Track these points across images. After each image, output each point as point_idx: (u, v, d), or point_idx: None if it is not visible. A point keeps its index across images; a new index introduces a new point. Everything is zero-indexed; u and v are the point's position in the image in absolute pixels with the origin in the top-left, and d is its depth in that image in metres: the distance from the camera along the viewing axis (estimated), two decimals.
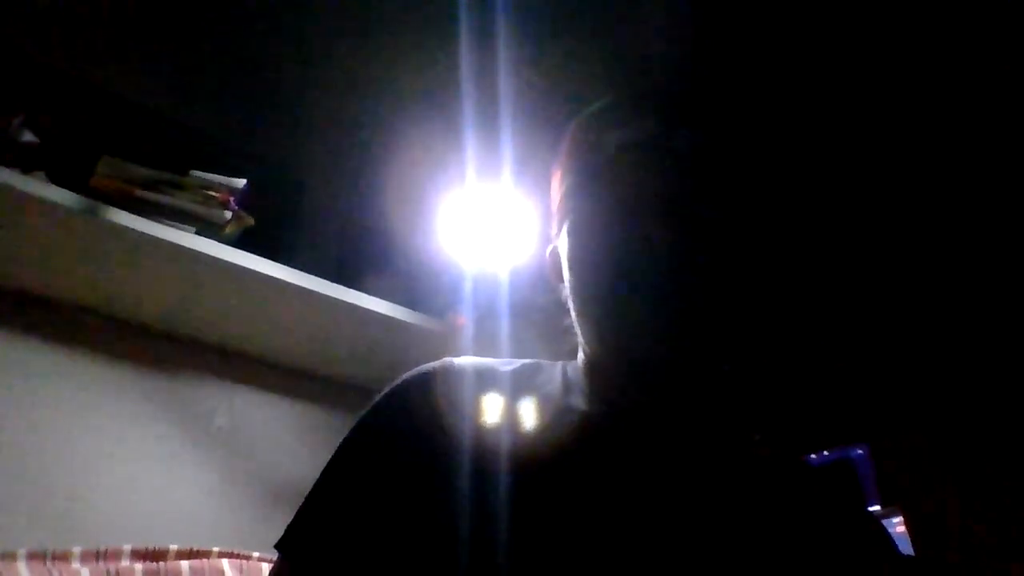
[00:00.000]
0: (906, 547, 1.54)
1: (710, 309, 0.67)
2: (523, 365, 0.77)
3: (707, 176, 0.69)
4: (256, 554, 1.30)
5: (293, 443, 1.52)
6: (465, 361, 0.75)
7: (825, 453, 1.73)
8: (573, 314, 0.73)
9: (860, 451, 1.69)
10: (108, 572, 1.15)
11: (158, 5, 1.56)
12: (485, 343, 1.34)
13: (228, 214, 1.33)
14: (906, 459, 1.63)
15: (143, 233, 1.22)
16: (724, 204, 0.69)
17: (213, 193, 1.33)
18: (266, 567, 1.28)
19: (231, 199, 1.34)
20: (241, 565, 1.28)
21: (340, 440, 0.74)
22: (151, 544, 1.21)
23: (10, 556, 1.09)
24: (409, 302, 1.49)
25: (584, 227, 0.70)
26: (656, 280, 0.65)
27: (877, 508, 1.62)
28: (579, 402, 0.72)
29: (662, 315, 0.65)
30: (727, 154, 0.72)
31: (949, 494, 1.55)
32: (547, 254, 0.81)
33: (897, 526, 1.56)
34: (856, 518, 0.72)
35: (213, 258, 1.28)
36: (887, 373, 1.74)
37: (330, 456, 0.73)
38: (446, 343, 1.48)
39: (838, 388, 1.79)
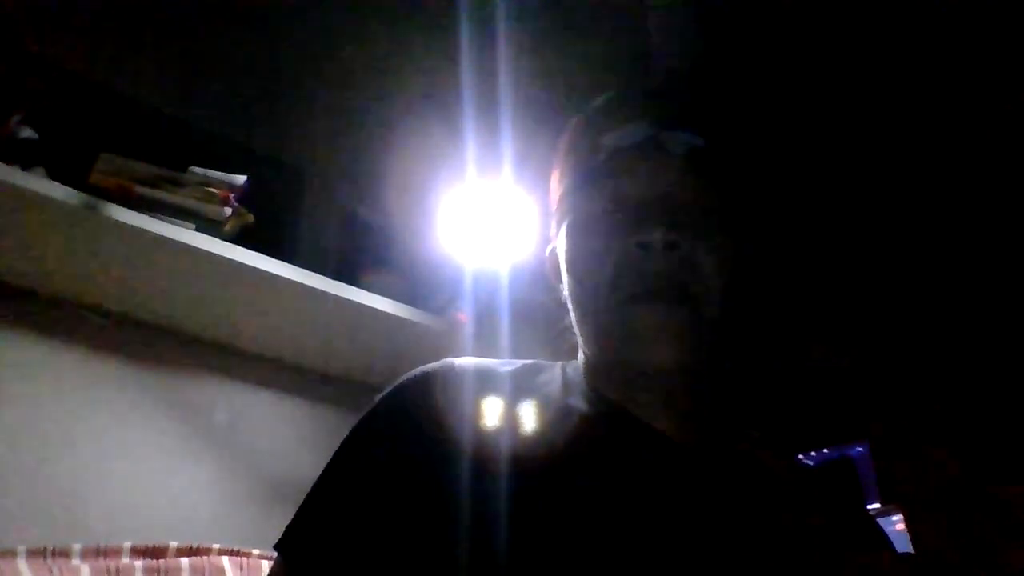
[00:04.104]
0: (906, 547, 1.54)
1: (708, 313, 0.67)
2: (523, 366, 0.77)
3: (705, 178, 0.69)
4: (256, 551, 1.30)
5: (293, 440, 1.52)
6: (464, 362, 0.75)
7: (825, 451, 1.73)
8: (572, 316, 0.73)
9: (860, 449, 1.68)
10: (108, 569, 1.15)
11: (158, 2, 1.56)
12: (485, 340, 1.34)
13: (228, 211, 1.33)
14: (906, 459, 1.63)
15: (143, 230, 1.22)
16: (722, 205, 0.69)
17: (213, 190, 1.33)
18: (266, 564, 1.28)
19: (231, 196, 1.34)
20: (241, 562, 1.28)
21: (340, 437, 0.73)
22: (151, 541, 1.21)
23: (10, 553, 1.09)
24: (409, 299, 1.49)
25: (581, 230, 0.70)
26: (653, 285, 0.65)
27: (877, 507, 1.62)
28: (579, 403, 0.72)
29: (660, 321, 0.65)
30: (725, 156, 0.71)
31: (949, 494, 1.54)
32: (546, 253, 0.81)
33: (897, 525, 1.56)
34: (853, 521, 0.71)
35: (213, 255, 1.28)
36: (888, 371, 1.73)
37: (330, 454, 0.73)
38: (446, 340, 1.47)
39: (838, 386, 1.79)
